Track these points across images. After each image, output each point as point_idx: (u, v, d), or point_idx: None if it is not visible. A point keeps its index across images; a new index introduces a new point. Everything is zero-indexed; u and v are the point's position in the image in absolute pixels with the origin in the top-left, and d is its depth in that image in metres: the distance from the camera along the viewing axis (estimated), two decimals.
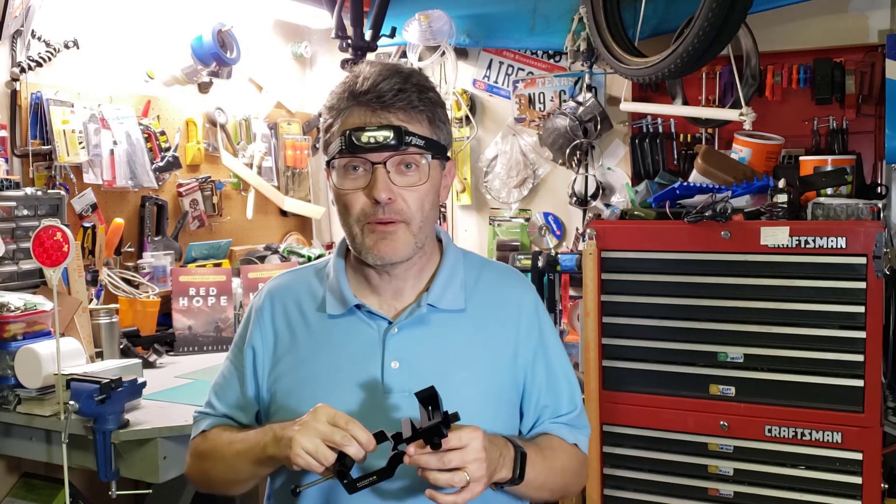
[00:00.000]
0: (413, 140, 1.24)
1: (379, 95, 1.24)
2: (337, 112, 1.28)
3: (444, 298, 1.34)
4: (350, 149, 1.23)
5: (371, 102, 1.24)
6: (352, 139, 1.23)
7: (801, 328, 2.33)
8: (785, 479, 2.37)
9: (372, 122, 1.24)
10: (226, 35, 3.17)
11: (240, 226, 3.47)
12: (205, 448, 1.38)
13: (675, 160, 3.08)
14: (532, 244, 3.47)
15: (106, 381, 1.94)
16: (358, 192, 1.25)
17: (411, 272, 1.35)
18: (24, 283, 2.39)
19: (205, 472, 1.39)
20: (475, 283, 1.38)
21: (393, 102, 1.24)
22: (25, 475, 2.55)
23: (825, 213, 2.35)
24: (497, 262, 1.55)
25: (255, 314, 1.41)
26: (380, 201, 1.23)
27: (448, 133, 1.33)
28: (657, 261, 2.49)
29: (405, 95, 1.25)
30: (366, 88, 1.25)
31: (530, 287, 1.47)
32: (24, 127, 2.64)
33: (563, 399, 1.42)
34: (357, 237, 1.28)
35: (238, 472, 1.31)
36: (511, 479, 1.23)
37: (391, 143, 1.22)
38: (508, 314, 1.38)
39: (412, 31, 3.23)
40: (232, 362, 1.44)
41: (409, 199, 1.26)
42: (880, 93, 2.69)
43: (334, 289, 1.36)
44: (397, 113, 1.25)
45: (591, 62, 3.14)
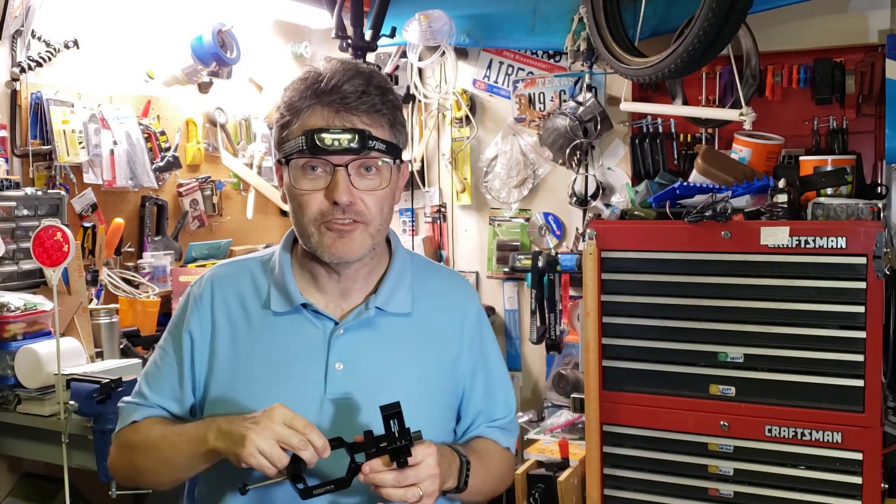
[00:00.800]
0: (376, 144, 1.23)
1: (343, 97, 1.22)
2: (297, 110, 1.24)
3: (392, 302, 1.33)
4: (311, 150, 1.21)
5: (334, 103, 1.22)
6: (314, 140, 1.21)
7: (801, 328, 2.32)
8: (785, 479, 2.37)
9: (335, 123, 1.22)
10: (226, 35, 3.17)
11: (240, 226, 3.47)
12: (135, 439, 1.33)
13: (675, 160, 3.08)
14: (532, 244, 3.47)
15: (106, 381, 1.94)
16: (316, 193, 1.24)
17: (361, 273, 1.33)
18: (24, 283, 2.39)
19: (133, 465, 1.34)
20: (422, 287, 1.38)
21: (357, 105, 1.22)
22: (25, 475, 2.55)
23: (825, 213, 2.35)
24: (443, 267, 1.56)
25: (193, 301, 1.37)
26: (340, 204, 1.22)
27: (405, 135, 1.32)
28: (657, 261, 2.49)
29: (369, 98, 1.23)
30: (329, 88, 1.22)
31: (474, 294, 1.50)
32: (24, 127, 2.64)
33: (499, 405, 1.44)
34: (313, 236, 1.26)
35: (172, 465, 1.27)
36: (456, 487, 1.25)
37: (354, 146, 1.21)
38: (453, 321, 1.39)
39: (412, 31, 3.23)
40: (166, 350, 1.38)
41: (368, 202, 1.25)
42: (880, 93, 2.69)
43: (280, 285, 1.33)
44: (361, 116, 1.23)
45: (591, 62, 3.14)
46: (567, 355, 3.20)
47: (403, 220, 3.76)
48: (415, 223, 3.74)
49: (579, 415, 2.82)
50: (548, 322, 2.97)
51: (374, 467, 1.13)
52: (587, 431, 2.60)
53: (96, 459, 1.97)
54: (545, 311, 2.97)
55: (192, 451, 1.22)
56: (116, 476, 1.41)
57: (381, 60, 3.49)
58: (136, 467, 1.34)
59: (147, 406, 1.36)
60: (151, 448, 1.29)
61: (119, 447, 1.37)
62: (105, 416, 1.95)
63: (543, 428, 3.05)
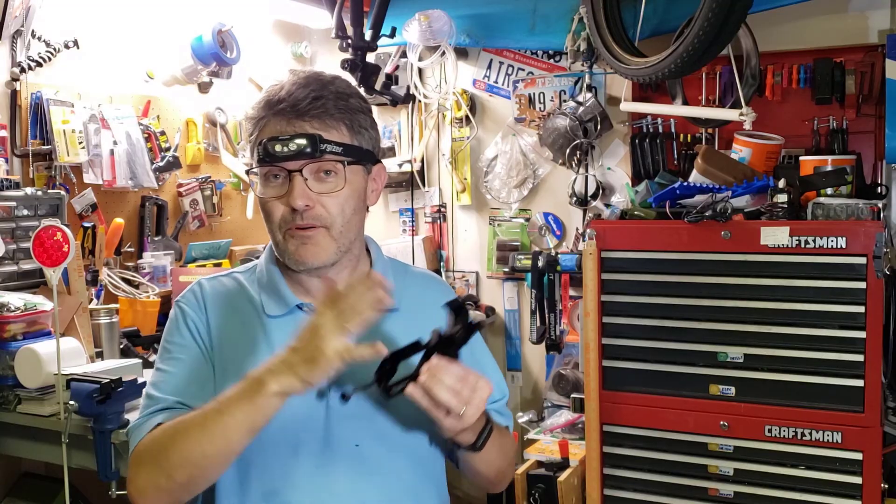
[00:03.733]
0: (329, 147, 1.25)
1: (293, 104, 1.25)
2: (255, 122, 1.29)
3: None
4: (266, 158, 1.25)
5: (286, 112, 1.26)
6: (267, 149, 1.24)
7: (801, 328, 2.32)
8: (785, 479, 2.37)
9: (287, 131, 1.25)
10: (226, 35, 3.17)
11: (240, 226, 3.47)
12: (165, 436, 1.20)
13: (675, 160, 3.07)
14: (532, 244, 3.47)
15: (106, 381, 1.94)
16: (276, 200, 1.27)
17: (342, 276, 1.34)
18: (24, 283, 2.39)
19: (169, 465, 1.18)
20: (403, 285, 1.41)
21: (307, 110, 1.25)
22: (25, 475, 2.55)
23: (825, 213, 2.35)
24: (420, 268, 1.60)
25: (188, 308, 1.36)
26: (296, 209, 1.25)
27: (372, 137, 1.34)
28: (657, 261, 2.49)
29: (320, 103, 1.26)
30: (281, 98, 1.26)
31: (450, 289, 1.54)
32: (24, 127, 2.64)
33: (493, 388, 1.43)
34: (280, 243, 1.29)
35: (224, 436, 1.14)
36: (473, 444, 1.25)
37: (306, 150, 1.24)
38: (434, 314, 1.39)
39: (412, 31, 3.23)
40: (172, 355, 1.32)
41: (328, 205, 1.27)
42: (880, 93, 2.68)
43: (271, 290, 1.35)
44: (311, 121, 1.26)
45: (591, 62, 3.14)
46: (567, 355, 3.20)
47: (403, 220, 3.76)
48: (415, 223, 3.74)
49: (579, 415, 2.82)
50: (548, 322, 2.97)
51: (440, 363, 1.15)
52: (587, 431, 2.60)
53: (96, 459, 1.97)
54: (545, 311, 2.97)
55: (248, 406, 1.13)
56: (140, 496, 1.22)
57: (381, 60, 3.49)
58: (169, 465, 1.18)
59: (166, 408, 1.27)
60: (190, 428, 1.17)
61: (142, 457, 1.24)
62: (105, 416, 1.95)
63: (543, 428, 3.05)
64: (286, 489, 1.25)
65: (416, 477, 1.34)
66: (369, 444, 1.28)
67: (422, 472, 1.36)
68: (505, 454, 1.40)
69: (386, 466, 1.29)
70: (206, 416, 1.16)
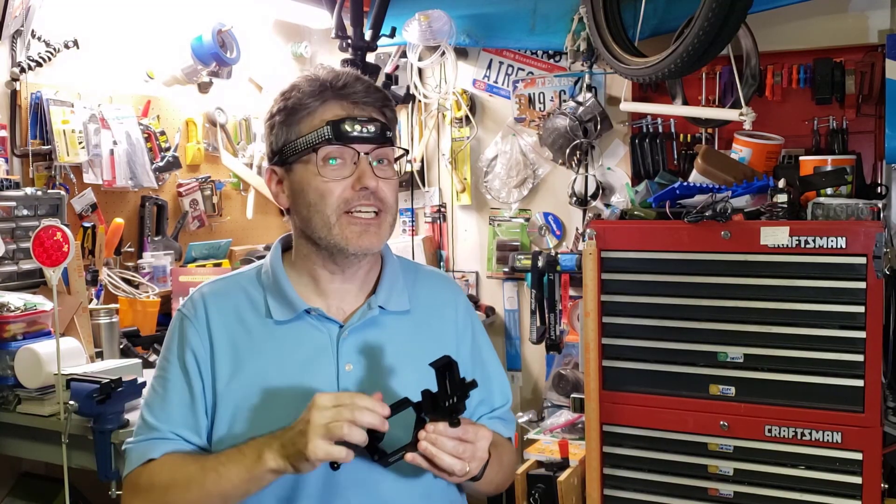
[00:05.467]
0: (391, 135, 1.28)
1: (356, 91, 1.26)
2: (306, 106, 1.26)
3: (392, 300, 1.35)
4: (338, 138, 1.24)
5: (351, 95, 1.26)
6: (339, 128, 1.23)
7: (801, 328, 2.32)
8: (785, 479, 2.37)
9: (358, 113, 1.25)
10: (226, 35, 3.17)
11: (240, 226, 3.47)
12: (163, 478, 1.23)
13: (675, 160, 3.08)
14: (532, 244, 3.47)
15: (106, 381, 1.94)
16: (340, 181, 1.25)
17: (362, 271, 1.35)
18: (24, 283, 2.39)
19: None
20: (413, 285, 1.40)
21: (370, 100, 1.27)
22: (25, 475, 2.55)
23: (825, 213, 2.35)
24: (428, 266, 1.58)
25: (188, 322, 1.32)
26: (369, 188, 1.24)
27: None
28: (657, 261, 2.49)
29: (379, 95, 1.29)
30: (341, 85, 1.26)
31: (460, 289, 1.52)
32: (24, 127, 2.64)
33: (496, 393, 1.46)
34: (334, 227, 1.26)
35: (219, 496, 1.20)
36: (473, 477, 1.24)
37: (375, 135, 1.25)
38: (446, 315, 1.41)
39: (412, 31, 3.23)
40: (168, 378, 1.31)
41: (387, 191, 1.28)
42: (880, 93, 2.68)
43: (278, 294, 1.31)
44: (377, 109, 1.28)
45: (591, 62, 3.14)
46: (567, 355, 3.20)
47: (403, 220, 3.76)
48: (415, 223, 3.74)
49: (579, 415, 2.82)
50: (548, 322, 2.97)
51: (437, 430, 1.13)
52: (587, 431, 2.60)
53: (96, 459, 1.97)
54: (545, 311, 2.97)
55: (246, 476, 1.17)
56: None
57: (381, 60, 3.49)
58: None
59: (162, 439, 1.28)
60: (190, 483, 1.21)
61: (139, 490, 1.27)
62: (105, 416, 1.94)
63: (543, 428, 3.05)
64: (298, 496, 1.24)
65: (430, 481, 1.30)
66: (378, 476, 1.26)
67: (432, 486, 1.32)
68: (505, 469, 1.39)
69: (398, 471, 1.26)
70: (206, 475, 1.20)
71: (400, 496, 1.28)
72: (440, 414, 1.15)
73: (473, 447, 1.16)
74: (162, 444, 1.27)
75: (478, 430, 1.17)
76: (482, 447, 1.17)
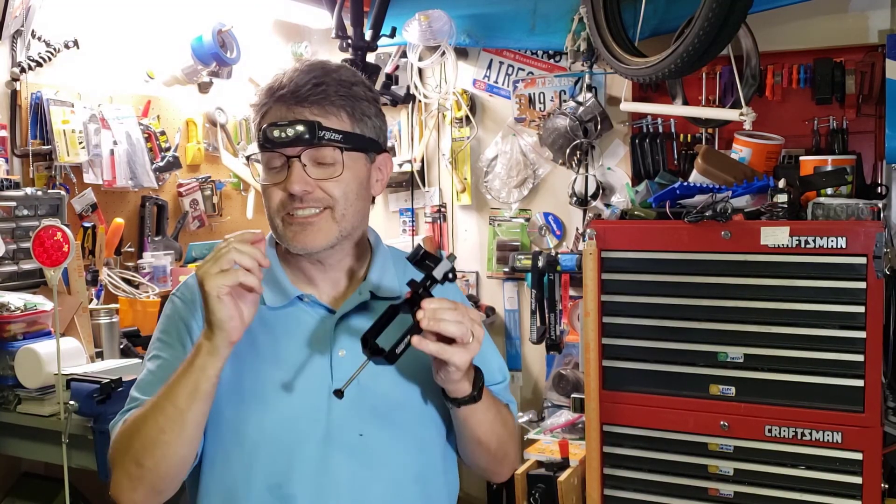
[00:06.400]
0: (327, 134, 1.25)
1: (294, 90, 1.25)
2: (257, 109, 1.30)
3: (382, 287, 1.36)
4: (265, 144, 1.25)
5: (286, 98, 1.26)
6: (266, 134, 1.25)
7: (801, 328, 2.32)
8: (785, 479, 2.37)
9: (286, 116, 1.25)
10: (226, 35, 3.17)
11: (240, 226, 3.47)
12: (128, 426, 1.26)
13: (675, 160, 3.07)
14: (532, 244, 3.47)
15: (106, 381, 1.94)
16: (275, 186, 1.27)
17: (345, 262, 1.35)
18: (24, 283, 2.39)
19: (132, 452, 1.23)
20: (403, 273, 1.39)
21: (307, 97, 1.25)
22: (25, 475, 2.55)
23: (825, 213, 2.35)
24: None
25: (183, 305, 1.35)
26: (294, 194, 1.25)
27: (376, 126, 1.33)
28: (657, 261, 2.49)
29: (321, 89, 1.26)
30: (283, 84, 1.27)
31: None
32: (24, 127, 2.64)
33: (494, 370, 1.45)
34: (279, 228, 1.29)
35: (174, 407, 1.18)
36: (470, 394, 1.24)
37: (304, 137, 1.23)
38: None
39: (412, 31, 3.23)
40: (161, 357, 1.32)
41: (328, 188, 1.27)
42: (880, 93, 2.68)
43: (271, 280, 1.33)
44: (311, 108, 1.26)
45: (591, 62, 3.14)
46: (567, 355, 3.20)
47: (403, 220, 3.76)
48: (415, 223, 3.74)
49: (579, 415, 2.82)
50: (548, 322, 2.97)
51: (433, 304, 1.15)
52: (587, 431, 2.60)
53: (96, 459, 1.97)
54: (545, 311, 2.97)
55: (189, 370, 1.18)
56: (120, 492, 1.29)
57: (381, 60, 3.49)
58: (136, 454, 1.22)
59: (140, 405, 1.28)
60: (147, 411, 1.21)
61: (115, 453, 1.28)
62: (105, 416, 1.94)
63: (543, 428, 3.05)
64: (290, 482, 1.24)
65: (424, 466, 1.33)
66: (373, 434, 1.27)
67: (429, 461, 1.34)
68: (504, 421, 1.38)
69: (391, 456, 1.28)
70: (158, 395, 1.21)
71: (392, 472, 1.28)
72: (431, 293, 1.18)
73: (471, 319, 1.17)
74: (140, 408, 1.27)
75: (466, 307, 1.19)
76: (477, 318, 1.19)
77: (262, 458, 1.25)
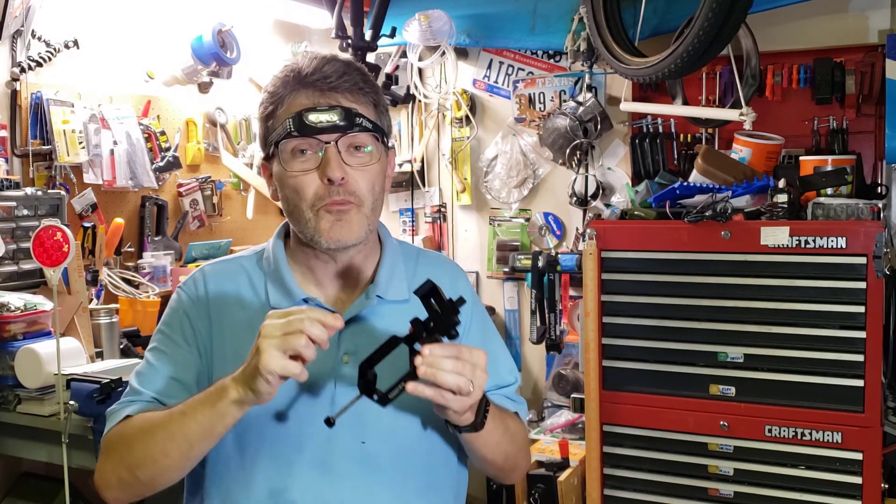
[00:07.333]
0: (363, 122, 1.23)
1: (325, 77, 1.22)
2: (280, 98, 1.25)
3: (391, 290, 1.32)
4: (300, 130, 1.20)
5: (318, 83, 1.22)
6: (301, 120, 1.20)
7: (801, 328, 2.32)
8: (785, 479, 2.37)
9: (321, 102, 1.22)
10: (226, 35, 3.17)
11: (240, 226, 3.47)
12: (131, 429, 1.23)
13: (675, 160, 3.07)
14: (532, 244, 3.47)
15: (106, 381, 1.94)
16: (309, 173, 1.22)
17: (356, 260, 1.32)
18: (24, 283, 2.39)
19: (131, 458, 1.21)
20: (414, 272, 1.37)
21: (339, 84, 1.23)
22: (25, 475, 2.55)
23: (825, 213, 2.35)
24: (429, 251, 1.55)
25: (188, 299, 1.33)
26: (333, 180, 1.21)
27: (389, 121, 1.32)
28: (657, 261, 2.49)
29: (350, 77, 1.24)
30: (311, 71, 1.23)
31: (462, 272, 1.49)
32: (24, 127, 2.64)
33: (504, 371, 1.43)
34: (310, 222, 1.24)
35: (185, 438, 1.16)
36: (473, 423, 1.20)
37: (341, 123, 1.21)
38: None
39: (412, 31, 3.23)
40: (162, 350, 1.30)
41: (360, 180, 1.24)
42: (880, 93, 2.68)
43: (278, 281, 1.31)
44: (345, 94, 1.23)
45: (591, 62, 3.14)
46: (567, 355, 3.20)
47: (403, 220, 3.76)
48: (415, 223, 3.74)
49: (579, 415, 2.82)
50: (548, 322, 2.97)
51: (434, 351, 1.10)
52: (587, 431, 2.60)
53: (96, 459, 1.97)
54: (545, 311, 2.97)
55: (209, 412, 1.15)
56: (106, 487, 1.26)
57: (381, 60, 3.49)
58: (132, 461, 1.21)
59: (141, 400, 1.27)
60: (155, 429, 1.19)
61: (109, 448, 1.26)
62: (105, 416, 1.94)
63: (543, 428, 3.05)
64: (291, 488, 1.23)
65: (429, 474, 1.30)
66: (376, 442, 1.24)
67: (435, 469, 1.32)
68: (511, 437, 1.35)
69: (395, 465, 1.26)
70: (171, 417, 1.18)
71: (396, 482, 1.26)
72: (434, 337, 1.13)
73: (472, 366, 1.12)
74: (139, 405, 1.27)
75: (472, 349, 1.14)
76: (481, 365, 1.14)
77: (263, 464, 1.24)
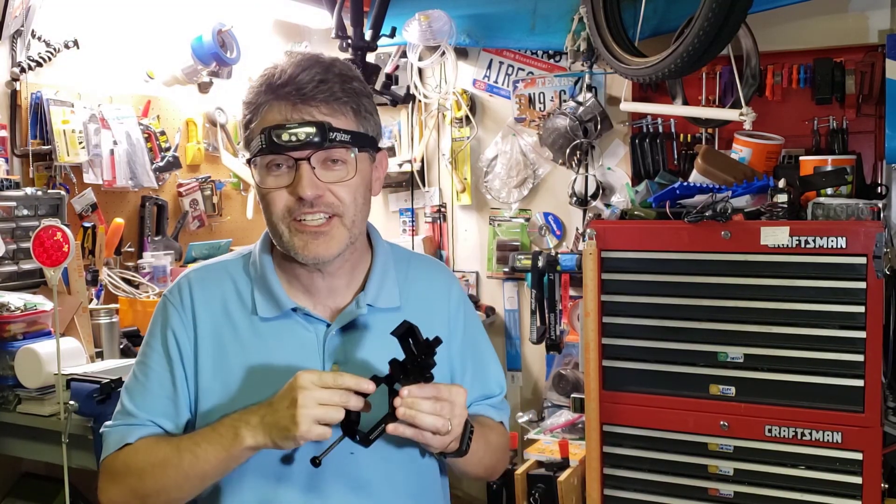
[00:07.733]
0: (337, 136, 1.18)
1: (298, 88, 1.17)
2: (255, 107, 1.21)
3: (381, 297, 1.31)
4: (271, 147, 1.17)
5: (290, 96, 1.18)
6: (272, 137, 1.16)
7: (801, 328, 2.32)
8: (785, 479, 2.37)
9: (293, 118, 1.17)
10: (226, 35, 3.17)
11: (240, 226, 3.47)
12: (138, 461, 1.23)
13: (675, 160, 3.07)
14: (532, 244, 3.47)
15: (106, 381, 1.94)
16: (281, 190, 1.20)
17: (344, 269, 1.30)
18: (24, 283, 2.39)
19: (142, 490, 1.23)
20: (405, 278, 1.36)
21: (314, 95, 1.17)
22: (25, 475, 2.55)
23: (825, 213, 2.35)
24: (422, 255, 1.52)
25: (172, 308, 1.31)
26: (305, 199, 1.18)
27: (376, 123, 1.27)
28: (657, 261, 2.49)
29: (326, 87, 1.18)
30: (284, 81, 1.18)
31: (454, 278, 1.48)
32: (24, 127, 2.64)
33: (492, 382, 1.43)
34: (284, 235, 1.22)
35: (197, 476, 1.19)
36: (458, 450, 1.22)
37: (314, 139, 1.16)
38: (439, 307, 1.38)
39: (412, 31, 3.23)
40: (149, 365, 1.30)
41: (339, 193, 1.21)
42: (880, 93, 2.68)
43: (265, 289, 1.28)
44: (319, 106, 1.18)
45: (591, 62, 3.14)
46: (567, 355, 3.20)
47: (403, 220, 3.76)
48: (415, 223, 3.74)
49: (579, 415, 2.82)
50: (548, 322, 2.97)
51: (412, 392, 1.12)
52: (587, 431, 2.60)
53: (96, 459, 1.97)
54: (545, 311, 2.97)
55: (224, 455, 1.17)
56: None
57: (381, 60, 3.49)
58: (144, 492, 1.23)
59: (140, 425, 1.27)
60: (166, 465, 1.20)
61: (116, 475, 1.26)
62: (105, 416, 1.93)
63: (543, 428, 3.05)
64: (278, 499, 1.23)
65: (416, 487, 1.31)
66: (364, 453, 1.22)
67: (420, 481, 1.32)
68: (493, 450, 1.37)
69: (382, 477, 1.26)
70: (182, 455, 1.20)
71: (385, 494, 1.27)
72: (411, 378, 1.14)
73: (451, 404, 1.14)
74: (139, 430, 1.27)
75: (451, 388, 1.16)
76: (459, 403, 1.16)
77: (250, 476, 1.24)
